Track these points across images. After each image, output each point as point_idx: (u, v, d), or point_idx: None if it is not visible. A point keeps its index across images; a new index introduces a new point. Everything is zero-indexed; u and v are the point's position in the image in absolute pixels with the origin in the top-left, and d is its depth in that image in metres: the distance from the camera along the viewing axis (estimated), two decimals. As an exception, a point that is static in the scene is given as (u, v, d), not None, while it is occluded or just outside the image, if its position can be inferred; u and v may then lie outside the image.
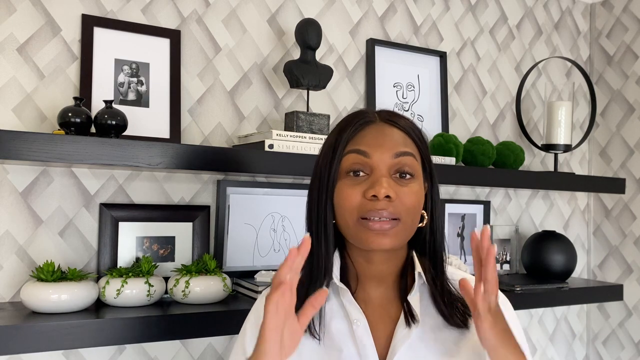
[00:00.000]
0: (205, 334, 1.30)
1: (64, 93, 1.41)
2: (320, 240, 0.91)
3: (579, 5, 2.36)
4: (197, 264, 1.42)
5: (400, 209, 0.87)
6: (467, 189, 2.04)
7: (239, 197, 1.59)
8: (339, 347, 0.90)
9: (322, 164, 0.92)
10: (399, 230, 0.88)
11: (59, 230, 1.39)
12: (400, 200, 0.87)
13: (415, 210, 0.89)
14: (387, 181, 0.87)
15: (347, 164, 0.89)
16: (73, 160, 1.17)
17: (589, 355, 2.35)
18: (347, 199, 0.88)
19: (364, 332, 0.90)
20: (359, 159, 0.89)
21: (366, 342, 0.89)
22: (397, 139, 0.90)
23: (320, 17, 1.76)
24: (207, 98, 1.59)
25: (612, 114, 2.30)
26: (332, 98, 1.78)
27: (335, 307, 0.93)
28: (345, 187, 0.89)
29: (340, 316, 0.92)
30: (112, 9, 1.47)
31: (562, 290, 1.85)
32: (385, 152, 0.88)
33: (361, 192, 0.88)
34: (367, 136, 0.90)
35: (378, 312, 0.93)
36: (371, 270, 0.94)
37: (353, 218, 0.88)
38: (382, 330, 0.92)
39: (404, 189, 0.88)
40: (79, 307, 1.24)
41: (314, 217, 0.92)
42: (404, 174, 0.89)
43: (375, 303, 0.94)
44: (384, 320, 0.92)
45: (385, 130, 0.91)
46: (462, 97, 2.05)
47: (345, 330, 0.91)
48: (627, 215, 2.24)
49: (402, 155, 0.89)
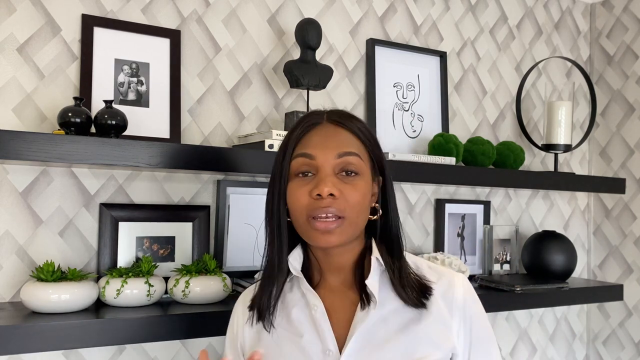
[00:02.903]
0: (205, 334, 1.30)
1: (64, 93, 1.41)
2: (274, 237, 0.97)
3: (579, 5, 2.36)
4: (197, 264, 1.42)
5: (345, 206, 0.92)
6: (467, 189, 2.04)
7: (239, 197, 1.59)
8: (300, 333, 0.96)
9: (274, 166, 0.98)
10: (344, 228, 0.92)
11: (59, 230, 1.39)
12: (345, 197, 0.92)
13: (360, 206, 0.94)
14: (331, 180, 0.92)
15: (295, 166, 0.95)
16: (73, 160, 1.17)
17: (589, 355, 2.35)
18: (296, 199, 0.93)
19: (322, 316, 0.95)
20: (305, 162, 0.94)
21: (324, 325, 0.95)
22: (341, 140, 0.95)
23: (320, 17, 1.76)
24: (207, 98, 1.59)
25: (612, 114, 2.30)
26: (332, 98, 1.78)
27: (297, 296, 1.00)
28: (294, 187, 0.94)
29: (301, 304, 0.98)
30: (112, 9, 1.47)
31: (562, 290, 1.85)
32: (329, 152, 0.93)
33: (308, 192, 0.93)
34: (313, 138, 0.95)
35: (339, 299, 0.99)
36: (331, 262, 1.00)
37: (303, 217, 0.93)
38: (342, 314, 0.97)
39: (348, 186, 0.93)
40: (79, 307, 1.24)
41: (269, 216, 0.98)
42: (349, 172, 0.93)
43: (337, 290, 1.00)
44: (345, 306, 0.98)
45: (330, 131, 0.96)
46: (462, 97, 2.05)
47: (305, 317, 0.97)
48: (627, 215, 2.24)
49: (346, 155, 0.93)
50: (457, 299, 0.97)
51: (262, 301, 0.98)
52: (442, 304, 0.97)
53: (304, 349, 0.95)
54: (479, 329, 0.98)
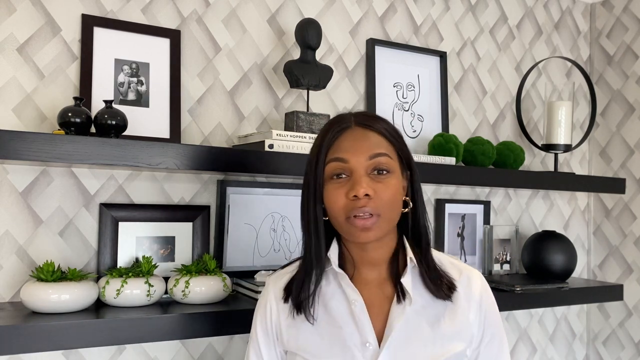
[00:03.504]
0: (205, 334, 1.30)
1: (64, 93, 1.41)
2: (312, 236, 1.03)
3: (579, 5, 2.36)
4: (197, 264, 1.42)
5: (379, 204, 0.98)
6: (467, 189, 2.04)
7: (239, 197, 1.59)
8: (339, 326, 1.02)
9: (308, 170, 1.04)
10: (380, 224, 0.99)
11: (59, 230, 1.39)
12: (379, 196, 0.98)
13: (393, 202, 1.00)
14: (365, 181, 0.98)
15: (329, 170, 1.01)
16: (73, 160, 1.17)
17: (589, 355, 2.35)
18: (335, 201, 1.00)
19: (361, 311, 1.01)
20: (339, 165, 1.00)
21: (364, 319, 1.01)
22: (371, 142, 1.01)
23: (320, 17, 1.76)
24: (207, 98, 1.59)
25: (612, 114, 2.30)
26: (332, 98, 1.78)
27: (334, 289, 1.05)
28: (331, 190, 1.00)
29: (339, 297, 1.04)
30: (112, 9, 1.47)
31: (562, 290, 1.85)
32: (360, 155, 0.99)
33: (344, 194, 0.99)
34: (344, 142, 1.01)
35: (374, 293, 1.05)
36: (366, 257, 1.05)
37: (341, 217, 1.00)
38: (377, 308, 1.03)
39: (381, 185, 0.99)
40: (79, 307, 1.24)
41: (306, 217, 1.04)
42: (381, 170, 1.00)
43: (371, 284, 1.05)
44: (380, 300, 1.04)
45: (359, 134, 1.02)
46: (462, 97, 2.05)
47: (345, 310, 1.03)
48: (627, 215, 2.24)
49: (377, 157, 1.00)
50: (475, 293, 1.06)
51: (302, 295, 1.03)
52: (463, 298, 1.05)
53: (344, 340, 1.00)
54: (491, 318, 1.07)
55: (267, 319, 1.08)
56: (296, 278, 1.06)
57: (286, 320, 1.05)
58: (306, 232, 1.04)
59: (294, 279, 1.06)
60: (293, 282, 1.06)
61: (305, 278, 1.04)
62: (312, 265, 1.04)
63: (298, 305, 1.04)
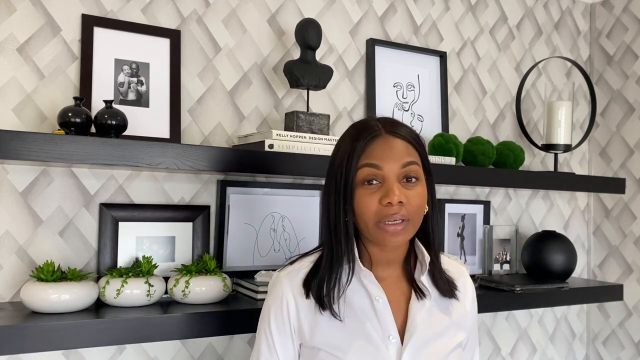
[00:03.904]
0: (205, 334, 1.30)
1: (64, 93, 1.41)
2: (339, 236, 1.07)
3: (579, 5, 2.36)
4: (197, 264, 1.42)
5: (410, 210, 1.03)
6: (467, 189, 2.04)
7: (239, 197, 1.59)
8: (362, 321, 1.06)
9: (337, 172, 1.06)
10: (409, 229, 1.04)
11: (59, 230, 1.39)
12: (410, 202, 1.03)
13: (421, 208, 1.06)
14: (398, 188, 1.02)
15: (362, 176, 1.04)
16: (73, 160, 1.17)
17: (589, 355, 2.35)
18: (366, 206, 1.03)
19: (384, 307, 1.07)
20: (372, 172, 1.03)
21: (386, 315, 1.06)
22: (402, 150, 1.05)
23: (320, 17, 1.76)
24: (207, 98, 1.59)
25: (612, 114, 2.30)
26: (332, 98, 1.78)
27: (356, 286, 1.09)
28: (363, 195, 1.03)
29: (361, 294, 1.08)
30: (112, 9, 1.47)
31: (562, 290, 1.85)
32: (393, 163, 1.03)
33: (377, 200, 1.02)
34: (376, 149, 1.04)
35: (391, 290, 1.10)
36: (384, 257, 1.10)
37: (372, 222, 1.03)
38: (396, 304, 1.09)
39: (411, 192, 1.04)
40: (79, 307, 1.24)
41: (332, 217, 1.07)
42: (410, 178, 1.04)
43: (388, 282, 1.11)
44: (397, 296, 1.10)
45: (390, 142, 1.05)
46: (462, 97, 2.05)
47: (368, 306, 1.07)
48: (627, 215, 2.24)
49: (409, 165, 1.04)
50: (468, 287, 1.17)
51: (331, 292, 1.06)
52: (462, 292, 1.15)
53: (368, 334, 1.05)
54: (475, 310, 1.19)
55: (283, 314, 1.08)
56: (319, 275, 1.08)
57: (307, 316, 1.07)
58: (334, 234, 1.07)
59: (313, 275, 1.08)
60: (312, 278, 1.08)
61: (332, 276, 1.07)
62: (339, 263, 1.07)
63: (323, 301, 1.06)
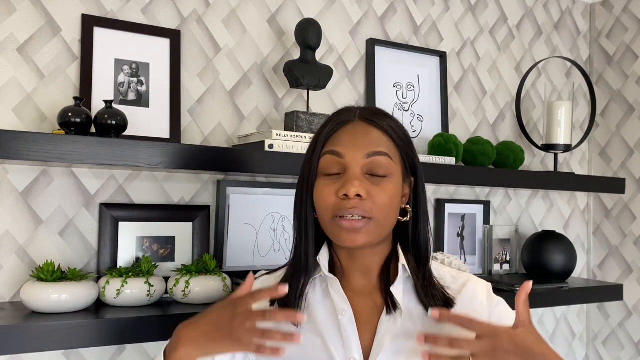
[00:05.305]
0: (205, 334, 1.30)
1: (64, 93, 1.41)
2: (302, 234, 0.96)
3: (579, 5, 2.36)
4: (197, 264, 1.42)
5: (371, 207, 0.90)
6: (467, 189, 2.04)
7: (239, 197, 1.59)
8: (322, 335, 0.93)
9: (304, 162, 0.97)
10: (371, 229, 0.91)
11: (59, 230, 1.39)
12: (372, 199, 0.90)
13: (388, 208, 0.92)
14: (359, 180, 0.90)
15: (323, 164, 0.93)
16: (73, 160, 1.17)
17: (589, 355, 2.35)
18: (322, 198, 0.92)
19: (349, 322, 0.93)
20: (333, 160, 0.92)
21: (350, 332, 0.92)
22: (371, 139, 0.92)
23: (320, 17, 1.76)
24: (207, 98, 1.59)
25: (612, 114, 2.30)
26: (332, 98, 1.78)
27: (322, 297, 0.96)
28: (321, 186, 0.93)
29: (325, 306, 0.95)
30: (112, 9, 1.47)
31: (562, 290, 1.85)
32: (358, 152, 0.91)
33: (335, 191, 0.91)
34: (342, 136, 0.93)
35: (363, 302, 0.96)
36: (355, 264, 0.98)
37: (328, 216, 0.92)
38: (366, 318, 0.95)
39: (376, 187, 0.91)
40: (79, 307, 1.24)
41: (297, 213, 0.97)
42: (378, 172, 0.91)
43: (360, 293, 0.97)
44: (368, 309, 0.95)
45: (360, 130, 0.93)
46: (462, 97, 2.05)
47: (331, 320, 0.94)
48: (627, 215, 2.24)
49: (375, 155, 0.91)
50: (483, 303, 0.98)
51: (289, 299, 0.94)
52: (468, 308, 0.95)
53: (329, 353, 0.92)
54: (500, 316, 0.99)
55: None
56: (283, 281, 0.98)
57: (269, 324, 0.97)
58: (297, 230, 0.97)
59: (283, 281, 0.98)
60: None
61: (293, 280, 0.95)
62: (300, 266, 0.95)
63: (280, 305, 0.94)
